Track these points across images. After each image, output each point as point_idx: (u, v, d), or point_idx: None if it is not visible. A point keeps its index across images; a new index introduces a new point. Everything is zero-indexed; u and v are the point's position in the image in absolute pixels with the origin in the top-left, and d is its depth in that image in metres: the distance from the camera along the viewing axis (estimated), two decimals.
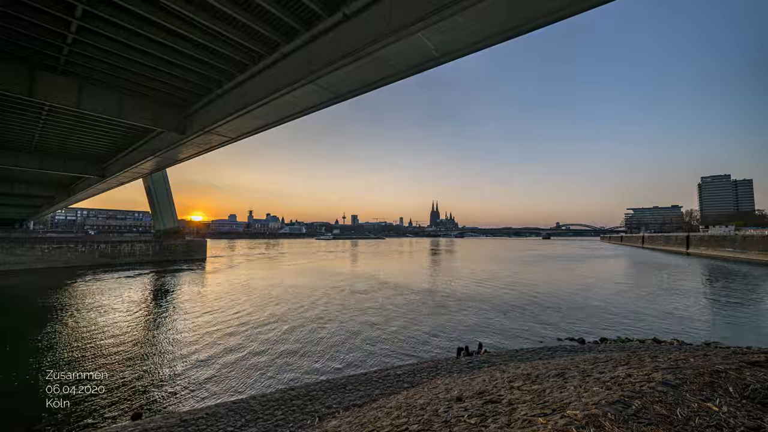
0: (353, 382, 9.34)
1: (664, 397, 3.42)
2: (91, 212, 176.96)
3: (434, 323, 18.28)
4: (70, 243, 44.94)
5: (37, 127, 21.65)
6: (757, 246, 52.76)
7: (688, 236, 77.20)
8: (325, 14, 9.83)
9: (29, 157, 29.26)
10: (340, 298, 25.41)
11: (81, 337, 15.48)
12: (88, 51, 12.83)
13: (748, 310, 21.91)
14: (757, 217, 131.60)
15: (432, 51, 8.84)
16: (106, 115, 16.24)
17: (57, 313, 20.08)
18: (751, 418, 2.88)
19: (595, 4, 7.09)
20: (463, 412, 4.01)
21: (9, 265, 38.68)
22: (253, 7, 10.31)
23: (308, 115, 13.95)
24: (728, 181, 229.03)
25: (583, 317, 19.63)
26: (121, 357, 13.17)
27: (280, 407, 7.58)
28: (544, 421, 3.16)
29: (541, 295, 26.66)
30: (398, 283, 33.24)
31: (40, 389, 9.91)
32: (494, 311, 21.07)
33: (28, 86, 13.85)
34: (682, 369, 4.49)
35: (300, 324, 18.03)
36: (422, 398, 5.59)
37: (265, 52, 12.19)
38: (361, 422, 4.96)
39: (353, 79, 10.69)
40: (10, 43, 12.35)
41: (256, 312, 20.58)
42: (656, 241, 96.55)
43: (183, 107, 17.67)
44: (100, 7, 10.43)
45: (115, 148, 27.22)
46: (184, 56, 13.13)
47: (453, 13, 7.36)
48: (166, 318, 19.38)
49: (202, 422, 6.99)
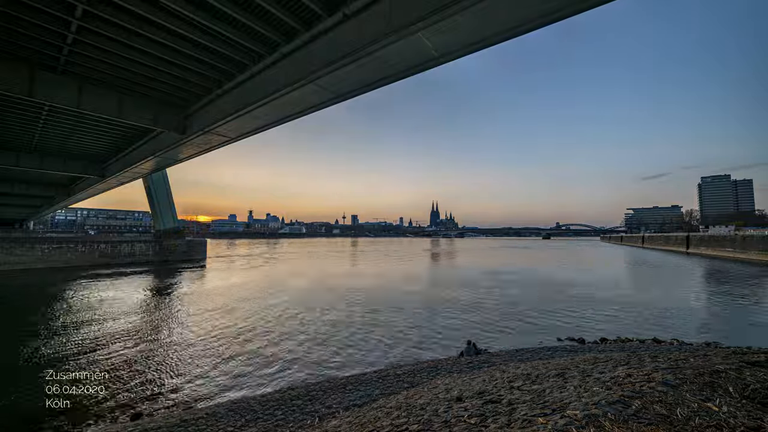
0: (353, 382, 9.34)
1: (664, 397, 3.42)
2: (91, 212, 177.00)
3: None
4: (70, 243, 44.93)
5: (37, 127, 21.67)
6: (757, 246, 52.75)
7: (688, 236, 77.23)
8: (325, 14, 9.85)
9: (29, 157, 29.30)
10: (335, 298, 25.46)
11: (81, 337, 15.49)
12: (89, 51, 12.85)
13: (747, 310, 21.91)
14: (757, 217, 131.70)
15: (432, 51, 8.86)
16: (106, 115, 16.27)
17: (57, 312, 20.08)
18: (751, 418, 2.88)
19: (594, 5, 7.11)
20: (463, 412, 4.01)
21: (9, 265, 38.67)
22: (253, 7, 10.32)
23: (308, 115, 13.97)
24: (728, 181, 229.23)
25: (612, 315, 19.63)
26: (121, 357, 13.17)
27: (280, 407, 7.58)
28: (544, 421, 3.17)
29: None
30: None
31: (40, 389, 9.90)
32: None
33: (28, 86, 13.86)
34: (682, 369, 4.49)
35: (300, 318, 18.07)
36: (422, 398, 5.59)
37: (265, 52, 12.20)
38: (361, 422, 4.96)
39: (353, 79, 10.70)
40: (10, 43, 12.36)
41: (260, 310, 20.59)
42: (656, 241, 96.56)
43: (183, 107, 17.68)
44: (100, 7, 10.45)
45: (115, 148, 27.27)
46: (184, 56, 13.15)
47: (453, 14, 7.37)
48: (166, 318, 19.37)
49: (202, 422, 6.99)
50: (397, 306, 22.05)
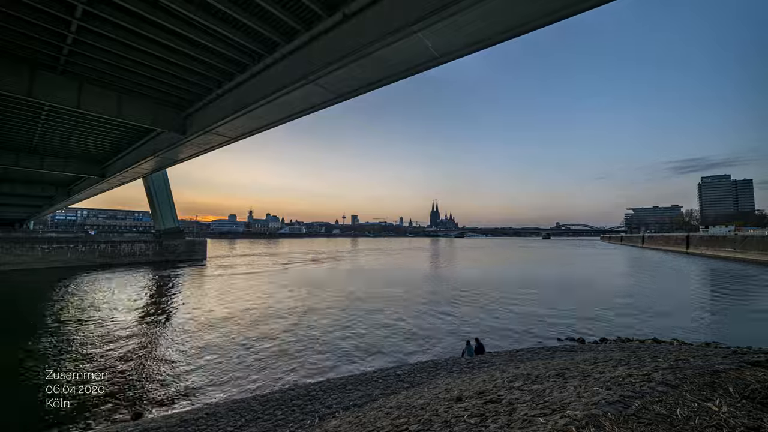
0: (353, 382, 9.34)
1: (664, 397, 3.42)
2: (91, 212, 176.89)
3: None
4: (70, 243, 44.93)
5: (37, 126, 21.67)
6: (757, 246, 52.77)
7: (688, 236, 77.26)
8: (325, 14, 9.84)
9: (29, 157, 29.29)
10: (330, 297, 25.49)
11: (81, 338, 15.49)
12: (88, 51, 12.84)
13: (747, 310, 21.91)
14: (757, 217, 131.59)
15: (431, 51, 8.85)
16: (105, 115, 16.27)
17: (56, 312, 20.08)
18: (751, 418, 2.88)
19: (595, 5, 7.10)
20: (463, 412, 4.01)
21: (9, 265, 38.66)
22: (253, 7, 10.32)
23: (308, 115, 13.96)
24: (728, 181, 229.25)
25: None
26: (120, 357, 13.17)
27: (280, 407, 7.58)
28: (544, 421, 3.16)
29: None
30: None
31: (40, 389, 9.90)
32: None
33: (28, 86, 13.86)
34: (682, 369, 4.49)
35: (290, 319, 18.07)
36: (422, 398, 5.59)
37: (265, 52, 12.19)
38: (361, 422, 4.96)
39: (353, 79, 10.70)
40: (10, 43, 12.36)
41: (259, 308, 20.60)
42: (656, 241, 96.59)
43: (183, 107, 17.68)
44: (100, 7, 10.44)
45: (115, 148, 27.25)
46: (184, 56, 13.14)
47: (452, 14, 7.37)
48: (166, 319, 19.38)
49: (202, 422, 6.99)
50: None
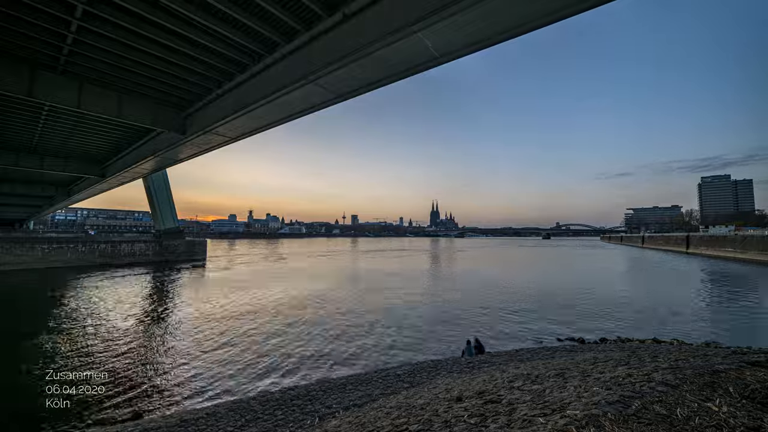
0: (353, 382, 9.34)
1: (664, 397, 3.42)
2: (91, 212, 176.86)
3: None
4: (70, 243, 44.92)
5: (37, 126, 21.67)
6: (756, 246, 52.75)
7: (688, 236, 77.22)
8: (325, 14, 9.84)
9: (29, 157, 29.29)
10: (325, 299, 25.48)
11: (81, 338, 15.48)
12: (89, 51, 12.84)
13: (747, 310, 21.90)
14: (757, 217, 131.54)
15: (431, 51, 8.85)
16: (106, 115, 16.27)
17: (56, 312, 20.07)
18: (751, 418, 2.88)
19: (594, 5, 7.10)
20: (463, 412, 4.01)
21: (9, 265, 38.65)
22: (252, 7, 10.32)
23: (308, 115, 13.97)
24: (728, 181, 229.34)
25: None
26: (120, 357, 13.17)
27: (280, 407, 7.58)
28: (544, 421, 3.16)
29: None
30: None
31: (40, 389, 9.90)
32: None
33: (28, 86, 13.86)
34: (682, 369, 4.49)
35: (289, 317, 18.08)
36: (422, 398, 5.59)
37: (265, 52, 12.19)
38: (361, 422, 4.95)
39: (353, 79, 10.70)
40: (10, 43, 12.36)
41: (259, 307, 20.59)
42: (656, 241, 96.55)
43: (183, 107, 17.68)
44: (100, 7, 10.44)
45: (115, 148, 27.26)
46: (184, 56, 13.14)
47: (452, 14, 7.37)
48: (165, 319, 19.38)
49: (202, 422, 6.99)
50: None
